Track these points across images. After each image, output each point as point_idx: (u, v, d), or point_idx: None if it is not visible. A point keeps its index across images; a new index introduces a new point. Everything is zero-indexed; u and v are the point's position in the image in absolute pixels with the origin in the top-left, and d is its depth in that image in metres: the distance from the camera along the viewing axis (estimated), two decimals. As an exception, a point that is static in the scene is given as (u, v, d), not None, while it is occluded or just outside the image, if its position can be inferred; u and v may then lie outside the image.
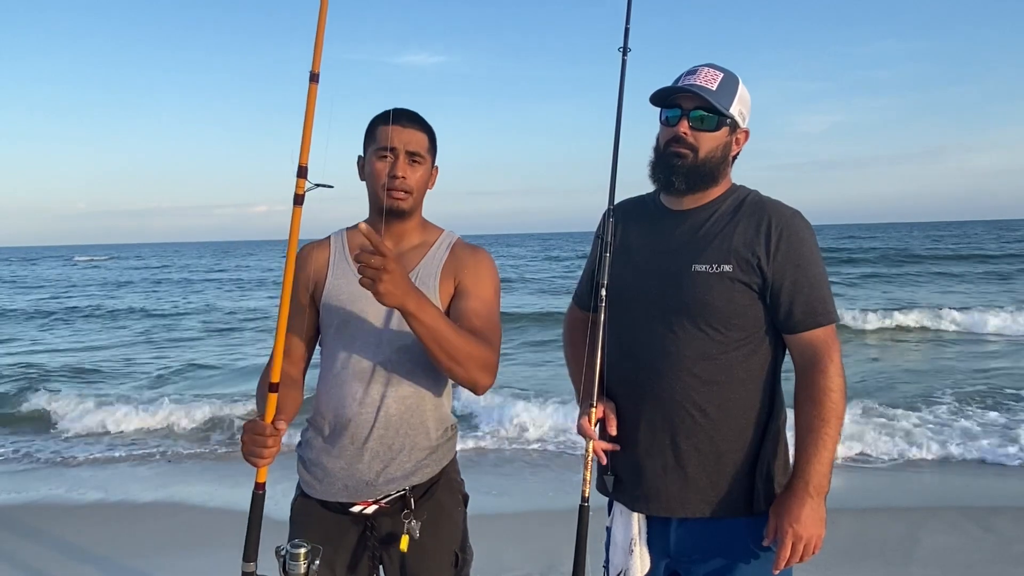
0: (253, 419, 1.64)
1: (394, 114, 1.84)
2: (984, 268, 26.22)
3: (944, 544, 4.06)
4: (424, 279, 1.87)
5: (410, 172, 1.83)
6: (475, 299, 1.85)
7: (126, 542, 4.32)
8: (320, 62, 1.58)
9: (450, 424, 1.95)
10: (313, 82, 1.57)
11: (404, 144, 1.82)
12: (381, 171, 1.82)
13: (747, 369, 1.76)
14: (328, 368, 1.88)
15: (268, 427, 1.62)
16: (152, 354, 12.56)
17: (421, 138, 1.86)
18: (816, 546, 1.69)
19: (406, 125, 1.84)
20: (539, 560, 3.82)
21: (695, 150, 1.76)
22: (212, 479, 5.61)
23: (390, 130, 1.81)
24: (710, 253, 1.74)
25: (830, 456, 1.69)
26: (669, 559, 1.84)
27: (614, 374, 1.84)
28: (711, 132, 1.76)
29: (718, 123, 1.76)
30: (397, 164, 1.82)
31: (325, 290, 1.88)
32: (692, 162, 1.76)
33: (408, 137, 1.83)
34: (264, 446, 1.60)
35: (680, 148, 1.76)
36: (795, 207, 1.80)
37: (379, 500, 1.84)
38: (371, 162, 1.85)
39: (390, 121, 1.82)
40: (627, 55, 1.88)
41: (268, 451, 1.61)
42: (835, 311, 1.76)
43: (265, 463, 1.63)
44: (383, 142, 1.81)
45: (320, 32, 1.58)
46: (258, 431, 1.61)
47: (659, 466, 1.78)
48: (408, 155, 1.83)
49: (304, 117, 1.57)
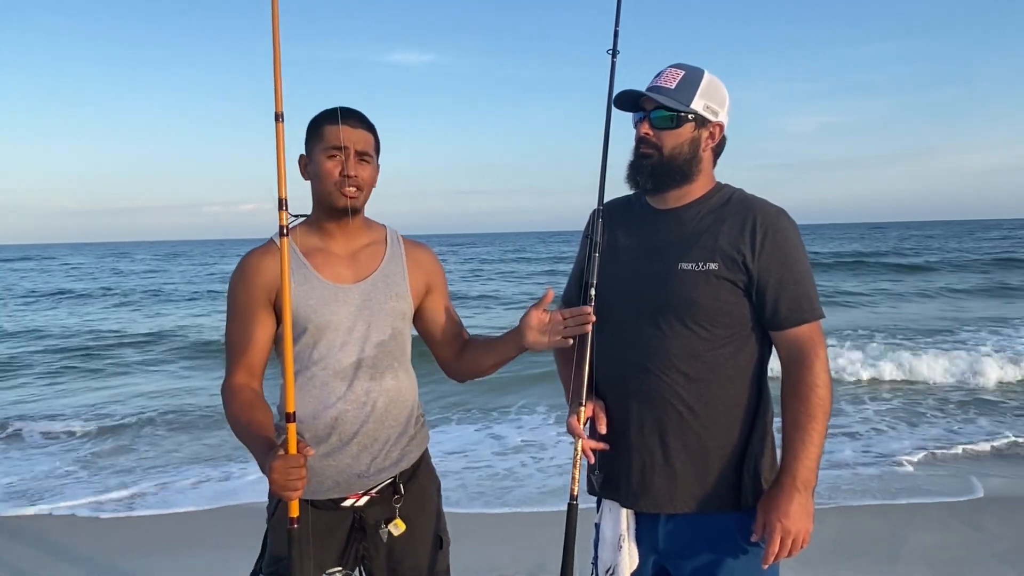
0: (281, 454, 1.60)
1: (342, 113, 1.85)
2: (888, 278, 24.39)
3: (931, 541, 4.10)
4: (392, 275, 1.93)
5: (360, 170, 1.85)
6: (446, 297, 2.08)
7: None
8: (282, 102, 1.65)
9: (421, 410, 2.04)
10: (279, 121, 1.64)
11: (354, 144, 1.84)
12: (332, 170, 1.83)
13: (734, 366, 1.77)
14: (300, 371, 1.84)
15: (300, 458, 1.60)
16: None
17: (369, 138, 1.88)
18: (804, 540, 1.70)
19: (355, 125, 1.85)
20: (528, 559, 3.83)
21: (659, 148, 1.79)
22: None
23: (338, 130, 1.82)
24: (696, 252, 1.76)
25: (817, 451, 1.71)
26: (657, 555, 1.85)
27: (602, 373, 1.85)
28: (673, 130, 1.78)
29: (679, 120, 1.78)
30: (348, 163, 1.83)
31: (292, 297, 1.82)
32: (657, 160, 1.79)
33: (357, 137, 1.85)
34: (300, 477, 1.59)
35: (645, 149, 1.80)
36: (780, 206, 1.82)
37: (370, 491, 1.89)
38: (319, 161, 1.85)
39: (339, 120, 1.83)
40: (616, 57, 1.90)
41: (302, 482, 1.60)
42: (820, 308, 1.78)
43: (299, 495, 1.62)
44: (334, 141, 1.83)
45: (277, 72, 1.63)
46: (292, 464, 1.59)
47: (648, 463, 1.79)
48: (357, 154, 1.85)
49: (276, 154, 1.66)
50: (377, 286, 1.90)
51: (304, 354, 1.85)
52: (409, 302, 1.96)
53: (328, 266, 1.88)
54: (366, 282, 1.90)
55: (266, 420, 1.75)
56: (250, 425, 1.73)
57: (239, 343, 1.85)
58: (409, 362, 1.99)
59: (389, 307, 1.90)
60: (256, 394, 1.82)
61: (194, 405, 8.14)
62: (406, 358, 1.97)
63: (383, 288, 1.91)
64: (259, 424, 1.72)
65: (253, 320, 1.85)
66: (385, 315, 1.89)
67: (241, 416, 1.75)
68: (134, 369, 11.14)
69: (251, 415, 1.75)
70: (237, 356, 1.85)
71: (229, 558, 3.83)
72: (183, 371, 10.90)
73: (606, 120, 1.87)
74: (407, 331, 1.98)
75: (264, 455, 1.63)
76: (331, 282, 1.87)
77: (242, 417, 1.75)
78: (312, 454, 1.65)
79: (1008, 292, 19.28)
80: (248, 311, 1.84)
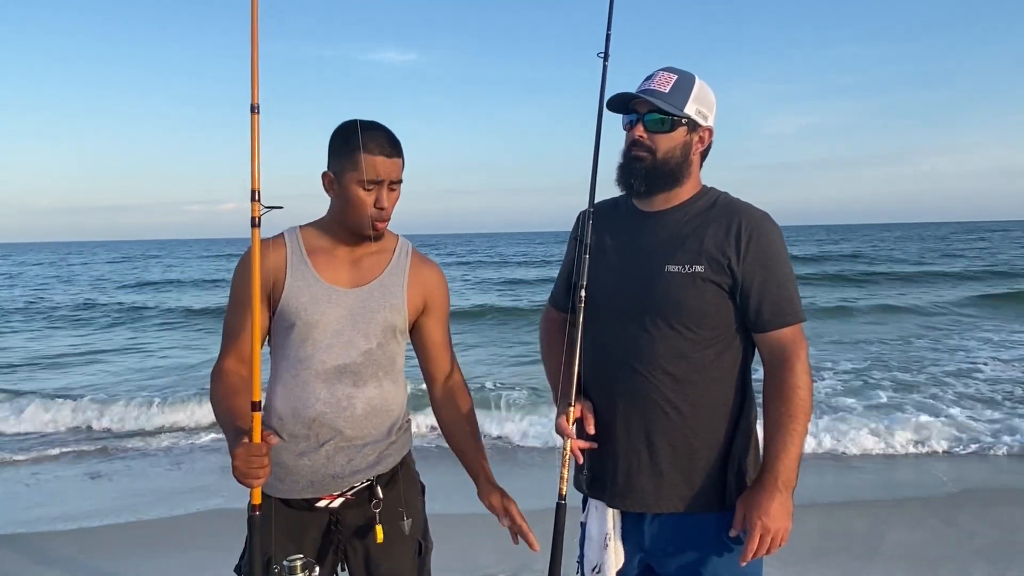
0: (245, 441, 1.62)
1: (379, 142, 1.80)
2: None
3: (908, 538, 4.16)
4: (390, 286, 1.91)
5: (391, 198, 1.85)
6: (443, 326, 2.04)
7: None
8: (258, 93, 1.65)
9: (407, 418, 2.03)
10: (254, 112, 1.64)
11: (389, 175, 1.82)
12: (366, 200, 1.81)
13: (719, 367, 1.80)
14: (285, 368, 1.86)
15: (263, 446, 1.63)
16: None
17: (400, 164, 1.85)
18: (783, 538, 1.73)
19: (391, 155, 1.81)
20: (512, 559, 3.84)
21: (653, 152, 1.80)
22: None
23: (376, 161, 1.79)
24: (682, 254, 1.78)
25: (798, 451, 1.74)
26: (643, 553, 1.87)
27: (590, 373, 1.87)
28: (667, 133, 1.80)
29: (673, 124, 1.79)
30: (382, 196, 1.82)
31: (284, 291, 1.86)
32: (651, 163, 1.80)
33: (392, 167, 1.82)
34: (261, 466, 1.62)
35: (639, 152, 1.81)
36: (764, 208, 1.84)
37: (345, 492, 1.88)
38: (352, 189, 1.81)
39: (374, 149, 1.79)
40: (607, 61, 1.91)
41: (264, 471, 1.63)
42: (802, 311, 1.80)
43: (260, 483, 1.65)
44: (371, 174, 1.79)
45: (254, 64, 1.64)
46: (254, 452, 1.61)
47: (634, 463, 1.82)
48: (389, 184, 1.83)
49: (250, 145, 1.65)
50: (373, 294, 1.89)
51: (291, 351, 1.86)
52: (403, 315, 1.93)
53: (329, 267, 1.88)
54: (362, 289, 1.89)
55: (245, 408, 1.75)
56: (229, 411, 1.76)
57: (233, 330, 1.89)
58: (400, 373, 1.96)
59: (381, 317, 1.89)
60: (243, 380, 1.84)
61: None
62: (395, 369, 1.94)
63: (379, 297, 1.90)
64: (237, 410, 1.74)
65: (248, 309, 1.84)
66: (376, 324, 1.88)
67: (223, 401, 1.80)
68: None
69: (232, 401, 1.78)
70: (230, 342, 1.89)
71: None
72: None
73: (597, 123, 1.88)
74: (398, 343, 1.95)
75: (233, 441, 1.66)
76: (327, 283, 1.87)
77: (223, 402, 1.80)
78: (275, 443, 1.68)
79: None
80: (245, 300, 1.84)
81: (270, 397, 1.89)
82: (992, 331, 12.67)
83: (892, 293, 19.51)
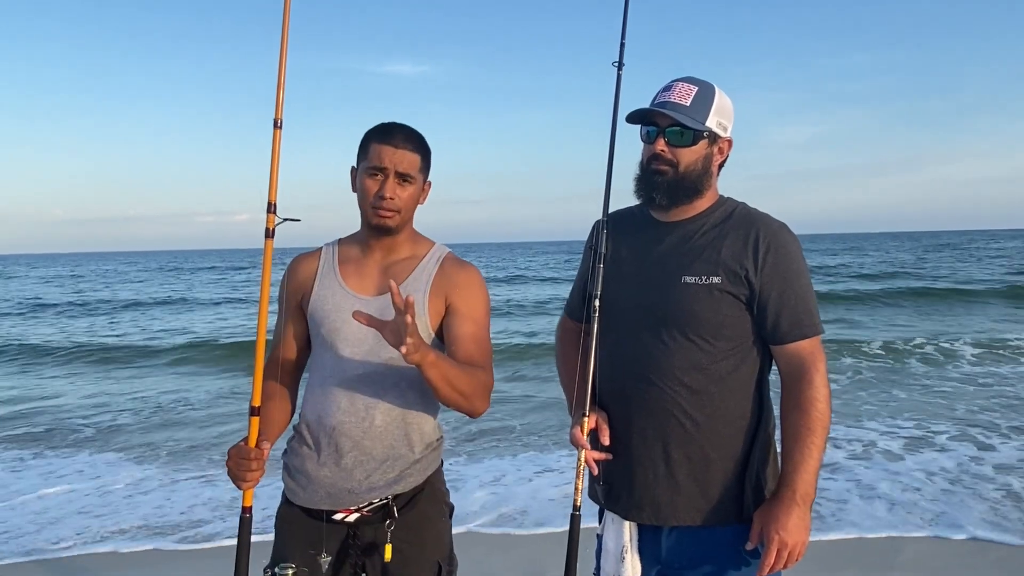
0: (238, 443, 1.69)
1: (389, 132, 1.83)
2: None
3: (924, 550, 4.11)
4: (412, 293, 1.87)
5: (399, 192, 1.84)
6: (469, 321, 1.87)
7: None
8: (283, 110, 1.72)
9: (436, 438, 1.95)
10: (277, 128, 1.72)
11: (395, 165, 1.82)
12: (370, 189, 1.83)
13: (736, 378, 1.79)
14: (315, 376, 1.91)
15: (253, 450, 1.68)
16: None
17: (413, 159, 1.85)
18: (800, 553, 1.71)
19: (399, 146, 1.82)
20: (525, 569, 3.82)
21: (675, 165, 1.78)
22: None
23: (381, 149, 1.82)
24: (699, 265, 1.77)
25: (816, 464, 1.72)
26: (660, 566, 1.86)
27: (605, 384, 1.87)
28: (689, 147, 1.78)
29: (695, 137, 1.77)
30: (386, 184, 1.82)
31: (311, 300, 1.90)
32: (672, 177, 1.78)
33: (400, 158, 1.82)
34: (249, 469, 1.67)
35: (660, 165, 1.79)
36: (781, 219, 1.83)
37: (361, 508, 1.86)
38: (362, 178, 1.85)
39: (382, 138, 1.83)
40: (622, 70, 1.91)
41: (253, 474, 1.68)
42: (820, 323, 1.79)
43: (250, 486, 1.70)
44: (375, 161, 1.82)
45: (280, 82, 1.70)
46: (243, 455, 1.68)
47: (651, 475, 1.80)
48: (398, 175, 1.83)
49: (271, 159, 1.73)
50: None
51: (319, 360, 1.90)
52: (424, 321, 1.86)
53: (357, 276, 1.90)
54: (385, 297, 1.86)
55: (273, 414, 1.84)
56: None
57: (275, 338, 1.97)
58: (428, 390, 1.81)
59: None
60: (277, 388, 1.91)
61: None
62: (421, 379, 1.77)
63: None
64: (265, 415, 1.78)
65: (286, 318, 1.97)
66: None
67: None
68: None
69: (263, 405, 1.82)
70: (272, 350, 1.96)
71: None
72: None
73: (611, 133, 1.88)
74: None
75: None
76: (352, 291, 1.88)
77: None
78: (268, 448, 1.71)
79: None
80: (283, 310, 1.97)
81: (303, 404, 1.94)
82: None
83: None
